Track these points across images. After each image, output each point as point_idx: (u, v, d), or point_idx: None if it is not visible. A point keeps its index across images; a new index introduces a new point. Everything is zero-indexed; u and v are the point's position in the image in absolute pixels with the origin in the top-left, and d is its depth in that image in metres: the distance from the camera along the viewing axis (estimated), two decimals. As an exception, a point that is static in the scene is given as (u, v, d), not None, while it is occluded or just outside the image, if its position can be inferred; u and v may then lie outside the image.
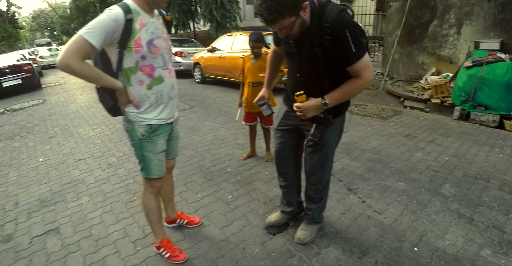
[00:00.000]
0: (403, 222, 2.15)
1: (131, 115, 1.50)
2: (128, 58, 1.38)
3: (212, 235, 2.04)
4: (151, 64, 1.44)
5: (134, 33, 1.35)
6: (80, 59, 1.24)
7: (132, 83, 1.45)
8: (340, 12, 1.28)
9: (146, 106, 1.50)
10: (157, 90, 1.50)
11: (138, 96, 1.48)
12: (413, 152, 3.41)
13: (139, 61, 1.40)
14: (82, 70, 1.26)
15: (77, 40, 1.23)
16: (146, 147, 1.56)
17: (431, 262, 1.79)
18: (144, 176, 1.65)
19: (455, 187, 2.63)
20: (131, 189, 2.66)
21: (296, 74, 1.56)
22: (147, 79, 1.46)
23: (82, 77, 1.29)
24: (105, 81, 1.37)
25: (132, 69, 1.42)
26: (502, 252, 1.88)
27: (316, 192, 1.88)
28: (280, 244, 1.94)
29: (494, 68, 4.35)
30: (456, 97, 4.89)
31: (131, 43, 1.35)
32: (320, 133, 1.52)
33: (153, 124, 1.53)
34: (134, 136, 1.54)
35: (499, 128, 4.38)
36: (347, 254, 1.85)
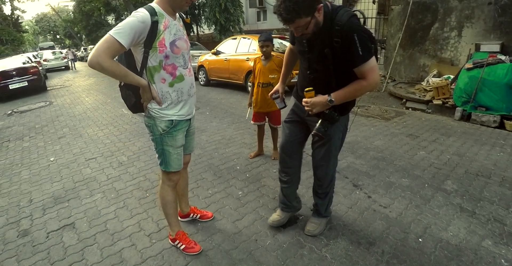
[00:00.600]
0: (408, 215, 2.24)
1: (154, 111, 1.60)
2: (152, 57, 1.48)
3: (224, 228, 2.12)
4: (173, 63, 1.54)
5: (159, 34, 1.44)
6: (109, 57, 1.34)
7: (155, 81, 1.55)
8: (351, 17, 1.39)
9: (168, 103, 1.60)
10: (178, 88, 1.60)
11: (161, 93, 1.57)
12: (415, 151, 3.49)
13: (162, 60, 1.50)
14: (111, 67, 1.36)
15: (108, 40, 1.33)
16: (166, 141, 1.65)
17: (435, 252, 1.88)
18: (163, 169, 1.74)
19: (457, 183, 2.71)
20: (143, 186, 2.75)
21: (307, 71, 1.66)
22: (169, 77, 1.56)
23: (111, 74, 1.38)
24: (131, 79, 1.46)
25: (156, 68, 1.51)
26: (503, 243, 1.96)
27: (321, 188, 1.96)
28: (291, 236, 2.03)
29: (495, 69, 4.44)
30: (457, 99, 4.98)
31: (156, 43, 1.45)
32: (324, 128, 1.63)
33: (174, 120, 1.63)
34: (155, 130, 1.64)
35: (500, 128, 4.46)
36: (355, 245, 1.94)
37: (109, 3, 18.59)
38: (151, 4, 1.50)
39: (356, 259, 1.82)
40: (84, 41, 37.96)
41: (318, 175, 1.93)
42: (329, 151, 1.81)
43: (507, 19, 4.96)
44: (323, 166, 1.87)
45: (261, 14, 20.01)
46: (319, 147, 1.82)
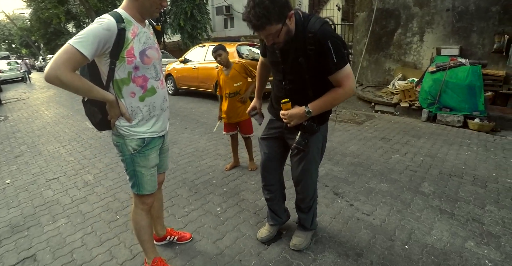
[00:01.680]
0: (391, 222, 2.22)
1: (123, 129, 1.43)
2: (120, 69, 1.33)
3: (205, 249, 1.97)
4: (144, 75, 1.39)
5: (127, 43, 1.30)
6: (70, 70, 1.17)
7: (124, 95, 1.39)
8: (323, 24, 1.36)
9: (139, 119, 1.44)
10: (149, 102, 1.45)
11: (130, 108, 1.41)
12: (390, 154, 3.55)
13: (131, 72, 1.35)
14: (72, 82, 1.19)
15: (67, 50, 1.16)
16: (138, 161, 1.49)
17: (422, 258, 1.86)
18: (136, 192, 1.57)
19: (433, 185, 2.76)
20: (112, 207, 2.52)
21: (281, 83, 1.59)
22: (139, 90, 1.41)
23: (72, 89, 1.21)
24: (96, 94, 1.29)
25: (124, 81, 1.36)
26: (484, 243, 1.99)
27: (304, 202, 1.89)
28: (276, 254, 1.92)
29: (456, 72, 4.69)
30: (423, 101, 5.20)
31: (124, 53, 1.30)
32: (304, 140, 1.57)
33: (146, 138, 1.47)
34: (125, 150, 1.47)
35: (464, 127, 4.70)
36: (342, 258, 1.87)
37: (70, 11, 17.66)
38: (117, 10, 1.35)
39: (346, 273, 1.75)
40: (42, 51, 35.81)
41: (300, 190, 1.84)
42: (309, 163, 1.73)
43: (464, 25, 5.29)
44: (304, 180, 1.79)
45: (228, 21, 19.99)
46: (299, 160, 1.74)
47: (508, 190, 2.68)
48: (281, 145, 1.82)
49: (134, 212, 1.64)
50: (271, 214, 2.04)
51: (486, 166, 3.17)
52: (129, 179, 1.56)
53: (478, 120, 4.55)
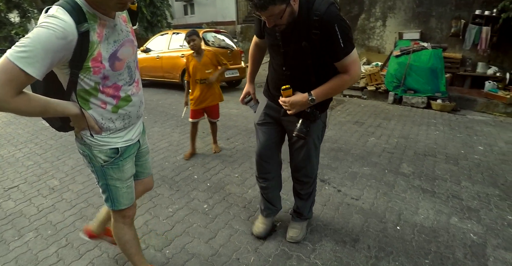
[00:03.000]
0: (380, 205, 2.26)
1: (89, 139, 1.16)
2: (84, 80, 1.04)
3: (199, 251, 1.85)
4: (115, 83, 1.13)
5: (92, 49, 0.99)
6: (13, 95, 0.87)
7: (92, 106, 1.12)
8: (330, 5, 1.24)
9: (110, 131, 1.20)
10: (124, 113, 1.20)
11: (101, 120, 1.15)
12: (366, 137, 3.64)
13: (99, 82, 1.08)
14: (19, 108, 0.90)
15: (7, 69, 0.84)
16: (111, 174, 1.25)
17: (414, 238, 1.91)
18: (111, 208, 1.35)
19: (411, 165, 2.88)
20: (86, 214, 2.28)
21: (281, 67, 1.49)
22: (111, 100, 1.14)
23: (22, 114, 0.94)
24: (53, 112, 1.01)
25: (90, 92, 1.08)
26: (466, 217, 2.11)
27: (304, 188, 1.85)
28: (274, 247, 1.86)
29: (420, 55, 4.91)
30: (389, 84, 5.40)
31: (89, 62, 1.00)
32: (306, 128, 1.50)
33: (120, 148, 1.22)
34: (93, 162, 1.22)
35: (428, 108, 4.98)
36: (340, 245, 1.87)
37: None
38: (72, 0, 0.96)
39: (346, 260, 1.74)
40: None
41: (301, 177, 1.80)
42: (310, 150, 1.68)
43: (424, 10, 5.52)
44: (305, 167, 1.74)
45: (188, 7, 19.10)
46: (300, 148, 1.68)
47: (477, 165, 2.88)
48: (278, 131, 1.74)
49: (115, 227, 1.42)
50: (265, 203, 1.96)
51: (455, 144, 3.38)
52: (101, 192, 1.32)
53: (440, 101, 4.83)
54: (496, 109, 4.63)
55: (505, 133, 3.83)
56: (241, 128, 4.11)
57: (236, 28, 11.36)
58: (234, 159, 3.16)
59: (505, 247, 1.85)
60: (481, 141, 3.51)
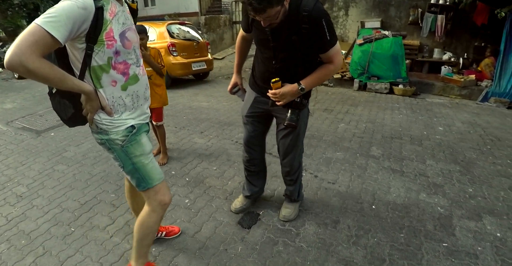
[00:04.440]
0: (355, 186, 2.39)
1: (104, 123, 1.22)
2: (98, 54, 1.12)
3: (186, 246, 1.85)
4: (125, 60, 1.20)
5: (105, 25, 1.09)
6: (38, 56, 0.94)
7: (103, 84, 1.18)
8: (316, 2, 1.36)
9: (121, 111, 1.25)
10: (133, 91, 1.26)
11: (111, 100, 1.21)
12: (336, 124, 3.78)
13: (112, 57, 1.15)
14: (41, 69, 0.96)
15: (35, 32, 0.93)
16: (133, 151, 1.28)
17: (389, 215, 2.06)
18: (147, 188, 1.35)
19: (380, 148, 3.05)
20: (62, 220, 2.16)
21: (271, 61, 1.57)
22: (121, 78, 1.21)
23: (41, 78, 0.99)
24: (71, 84, 1.07)
25: (103, 67, 1.15)
26: (433, 193, 2.30)
27: (290, 174, 1.96)
28: (260, 235, 1.91)
29: (381, 43, 5.14)
30: (353, 71, 5.62)
31: (103, 36, 1.09)
32: (296, 116, 1.59)
33: (134, 124, 1.28)
34: (113, 146, 1.26)
35: (390, 93, 5.26)
36: (322, 227, 1.96)
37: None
38: None
39: (330, 241, 1.84)
40: None
41: (287, 163, 1.91)
42: (296, 138, 1.80)
43: (383, -1, 5.75)
44: (291, 153, 1.85)
45: (148, -1, 18.28)
46: (286, 136, 1.78)
47: (439, 145, 3.12)
48: (265, 121, 1.88)
49: (149, 216, 1.41)
50: (247, 184, 2.10)
51: (417, 126, 3.62)
52: (131, 177, 1.34)
53: (402, 86, 5.12)
54: (452, 92, 5.01)
55: (460, 113, 4.17)
56: (214, 121, 4.08)
57: (199, 20, 11.08)
58: (210, 152, 3.15)
59: (468, 216, 2.05)
60: (440, 122, 3.80)
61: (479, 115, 4.07)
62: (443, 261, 1.70)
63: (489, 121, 3.82)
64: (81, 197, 2.39)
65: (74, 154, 3.13)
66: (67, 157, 3.08)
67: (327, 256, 1.74)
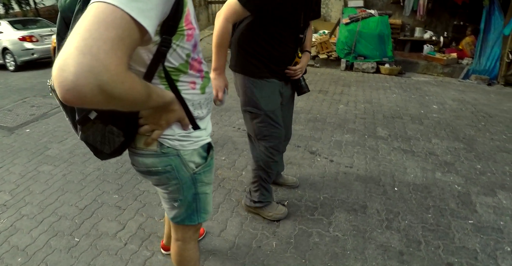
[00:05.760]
0: (373, 169, 2.35)
1: (178, 138, 0.87)
2: (176, 50, 0.75)
3: (214, 247, 1.70)
4: (199, 54, 0.86)
5: (185, 4, 0.72)
6: (127, 62, 0.55)
7: (181, 87, 0.82)
8: None
9: (198, 120, 0.91)
10: (209, 93, 0.93)
11: (191, 106, 0.86)
12: (335, 105, 3.72)
13: (190, 53, 0.80)
14: (133, 89, 0.58)
15: (115, 21, 0.52)
16: (202, 179, 0.97)
17: (412, 196, 2.05)
18: (197, 222, 1.04)
19: (385, 129, 3.04)
20: (61, 229, 1.90)
21: (297, 34, 1.54)
22: (198, 78, 0.87)
23: (127, 103, 0.60)
24: (156, 97, 0.69)
25: (181, 68, 0.80)
26: (446, 171, 2.32)
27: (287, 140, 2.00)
28: (291, 228, 1.81)
29: (368, 22, 5.08)
30: (340, 51, 5.55)
31: (183, 22, 0.72)
32: (305, 81, 1.71)
33: (210, 142, 0.98)
34: (181, 173, 0.91)
35: (377, 73, 5.29)
36: (352, 213, 1.90)
37: None
38: None
39: (363, 227, 1.79)
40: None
41: (289, 133, 1.94)
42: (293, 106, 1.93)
43: (366, -24, 5.64)
44: (291, 124, 1.94)
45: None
46: (290, 107, 1.86)
47: (438, 123, 3.17)
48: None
49: (185, 249, 1.12)
50: (269, 188, 1.85)
51: (413, 105, 3.66)
52: (182, 209, 0.99)
53: (388, 65, 5.16)
54: (435, 70, 5.14)
55: (448, 91, 4.28)
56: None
57: None
58: (214, 140, 2.92)
59: (484, 193, 2.09)
60: (433, 100, 3.88)
61: (465, 93, 4.21)
62: (473, 238, 1.72)
63: (476, 98, 3.96)
64: (78, 201, 2.12)
65: (58, 152, 2.77)
66: (51, 155, 2.72)
67: (364, 243, 1.68)
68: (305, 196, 2.07)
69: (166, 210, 1.03)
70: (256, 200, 1.84)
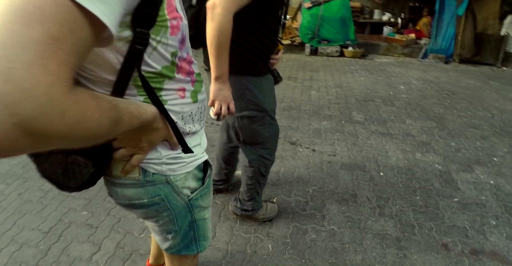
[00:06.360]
0: (356, 156, 2.33)
1: (166, 161, 0.67)
2: (157, 49, 0.54)
3: (207, 258, 1.56)
4: (188, 51, 0.65)
5: None
6: (66, 82, 0.32)
7: (167, 97, 0.62)
8: None
9: (190, 135, 0.71)
10: (202, 101, 0.72)
11: (180, 120, 0.65)
12: (307, 92, 3.66)
13: (177, 51, 0.59)
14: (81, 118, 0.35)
15: (61, 14, 0.30)
16: (199, 204, 0.78)
17: (398, 179, 2.06)
18: (196, 252, 0.86)
19: (360, 113, 3.04)
20: (24, 259, 1.61)
21: (280, 19, 1.39)
22: (188, 83, 0.65)
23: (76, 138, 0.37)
24: (128, 119, 0.49)
25: (164, 73, 0.59)
26: (425, 151, 2.37)
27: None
28: (285, 226, 1.72)
29: (330, 6, 5.04)
30: (303, 36, 5.49)
31: (164, 9, 0.51)
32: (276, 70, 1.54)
33: (207, 160, 0.79)
34: (174, 202, 0.72)
35: (341, 56, 5.32)
36: (344, 204, 1.85)
37: None
38: None
39: (357, 217, 1.75)
40: None
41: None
42: None
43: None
44: None
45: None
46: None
47: (408, 103, 3.24)
48: None
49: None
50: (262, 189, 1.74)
51: (382, 87, 3.72)
52: (180, 240, 0.82)
53: (351, 48, 5.20)
54: (395, 51, 5.29)
55: (411, 71, 4.43)
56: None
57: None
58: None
59: (462, 169, 2.17)
60: (398, 81, 3.97)
61: (427, 72, 4.38)
62: (461, 215, 1.77)
63: (438, 77, 4.13)
64: (41, 223, 1.83)
65: (9, 167, 2.38)
66: (2, 172, 2.33)
67: (361, 234, 1.65)
68: (293, 191, 1.98)
69: (157, 241, 0.85)
70: (249, 209, 1.71)
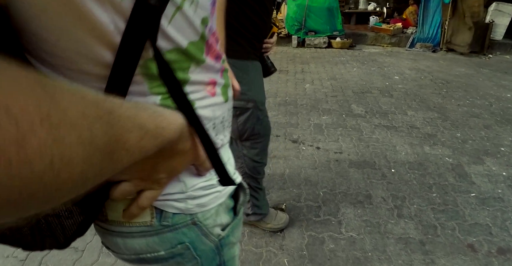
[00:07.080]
0: (363, 152, 2.18)
1: (186, 200, 0.41)
2: (184, 9, 0.30)
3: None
4: (213, 24, 0.38)
5: None
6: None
7: (194, 95, 0.36)
8: None
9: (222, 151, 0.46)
10: (232, 99, 0.48)
11: (214, 130, 0.41)
12: (302, 85, 3.49)
13: (207, 18, 0.34)
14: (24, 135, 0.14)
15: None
16: (231, 240, 0.52)
17: (411, 176, 1.93)
18: None
19: (360, 105, 2.90)
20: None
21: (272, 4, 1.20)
22: (217, 73, 0.40)
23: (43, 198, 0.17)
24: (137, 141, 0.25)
25: (194, 52, 0.34)
26: (433, 144, 2.26)
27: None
28: (299, 236, 1.54)
29: (316, -5, 4.87)
30: (290, 27, 5.30)
31: None
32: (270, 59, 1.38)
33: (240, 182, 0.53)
34: (202, 248, 0.46)
35: (329, 47, 5.18)
36: (359, 206, 1.70)
37: None
38: None
39: (376, 220, 1.60)
40: None
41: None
42: None
43: None
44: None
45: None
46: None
47: (406, 94, 3.14)
48: None
49: None
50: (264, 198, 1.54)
51: (376, 78, 3.60)
52: None
53: (339, 39, 5.07)
54: (383, 41, 5.21)
55: (401, 61, 4.35)
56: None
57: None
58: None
59: (473, 161, 2.07)
60: (392, 71, 3.88)
61: (417, 61, 4.32)
62: (481, 211, 1.67)
63: (429, 66, 4.07)
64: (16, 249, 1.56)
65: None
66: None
67: (383, 240, 1.50)
68: (303, 195, 1.81)
69: None
70: (249, 212, 1.52)
